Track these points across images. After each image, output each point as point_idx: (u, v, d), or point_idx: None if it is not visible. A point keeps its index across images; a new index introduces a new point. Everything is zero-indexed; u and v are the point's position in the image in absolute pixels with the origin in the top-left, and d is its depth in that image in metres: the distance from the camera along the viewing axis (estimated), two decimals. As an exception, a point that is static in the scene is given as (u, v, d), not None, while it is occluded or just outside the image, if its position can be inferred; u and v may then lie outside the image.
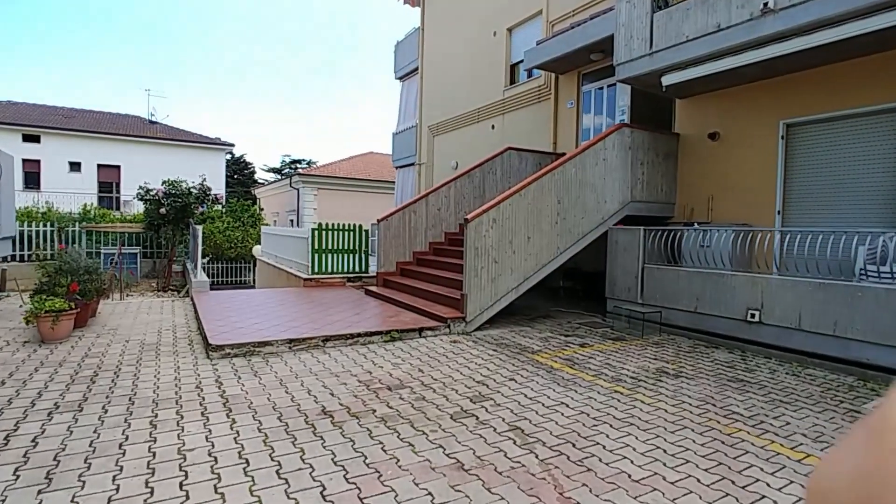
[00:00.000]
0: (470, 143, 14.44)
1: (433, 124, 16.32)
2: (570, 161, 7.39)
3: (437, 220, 9.93)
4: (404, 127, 18.66)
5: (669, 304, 6.99)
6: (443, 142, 15.92)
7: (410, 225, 9.64)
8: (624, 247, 7.65)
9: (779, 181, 7.26)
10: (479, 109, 14.06)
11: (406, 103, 18.74)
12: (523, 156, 10.80)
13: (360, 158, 31.26)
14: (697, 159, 8.32)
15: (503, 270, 6.92)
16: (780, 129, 7.24)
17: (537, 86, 11.89)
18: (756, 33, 6.03)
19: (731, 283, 6.24)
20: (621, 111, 9.83)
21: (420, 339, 6.30)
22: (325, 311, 7.31)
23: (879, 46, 5.95)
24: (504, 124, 13.12)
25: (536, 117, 11.97)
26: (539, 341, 6.34)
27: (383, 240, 9.38)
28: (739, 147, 7.73)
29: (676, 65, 6.99)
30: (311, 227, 10.27)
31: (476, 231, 6.65)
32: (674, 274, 6.92)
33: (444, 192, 9.94)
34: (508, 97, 12.90)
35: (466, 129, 14.69)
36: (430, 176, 16.53)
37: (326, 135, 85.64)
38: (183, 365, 4.92)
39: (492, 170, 10.41)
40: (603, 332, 7.03)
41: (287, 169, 42.30)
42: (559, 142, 11.26)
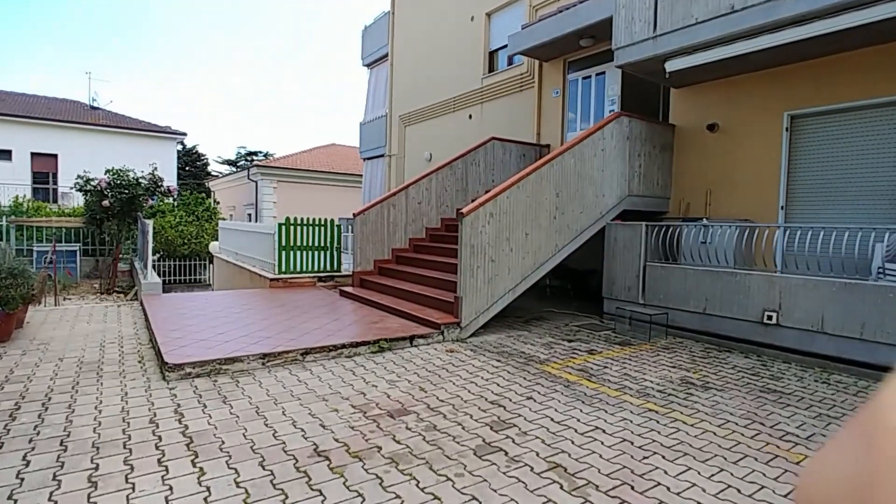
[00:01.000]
0: (445, 134, 13.74)
1: (405, 114, 15.51)
2: (568, 151, 6.82)
3: (418, 215, 9.20)
4: (373, 117, 17.75)
5: (675, 304, 6.55)
6: (415, 132, 15.15)
7: (389, 220, 8.87)
8: (624, 244, 7.17)
9: (782, 175, 6.95)
10: (454, 98, 13.38)
11: (374, 92, 17.82)
12: (507, 147, 10.21)
13: (322, 150, 29.99)
14: (695, 152, 7.94)
15: (500, 270, 6.29)
16: (784, 120, 6.92)
17: (519, 73, 11.32)
18: (774, 15, 5.62)
19: (746, 283, 5.84)
20: (611, 101, 9.39)
21: (412, 348, 5.59)
22: (298, 317, 6.47)
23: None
24: (483, 114, 12.50)
25: (518, 107, 11.40)
26: (543, 348, 5.75)
27: (360, 236, 8.57)
28: (741, 139, 7.38)
29: (683, 49, 6.53)
30: (278, 223, 9.33)
31: (472, 227, 5.98)
32: (680, 273, 6.49)
33: (425, 184, 9.22)
34: (487, 86, 12.28)
35: (441, 119, 13.98)
36: (402, 168, 15.74)
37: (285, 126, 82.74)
38: (132, 390, 4.03)
39: (475, 161, 9.77)
40: (605, 335, 6.53)
41: (243, 161, 40.32)
42: (543, 133, 10.73)
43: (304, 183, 25.42)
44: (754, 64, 6.81)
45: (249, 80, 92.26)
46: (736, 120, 7.43)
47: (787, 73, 6.86)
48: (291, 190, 25.08)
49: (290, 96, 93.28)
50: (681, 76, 7.46)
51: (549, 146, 10.55)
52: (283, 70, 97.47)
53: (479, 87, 12.51)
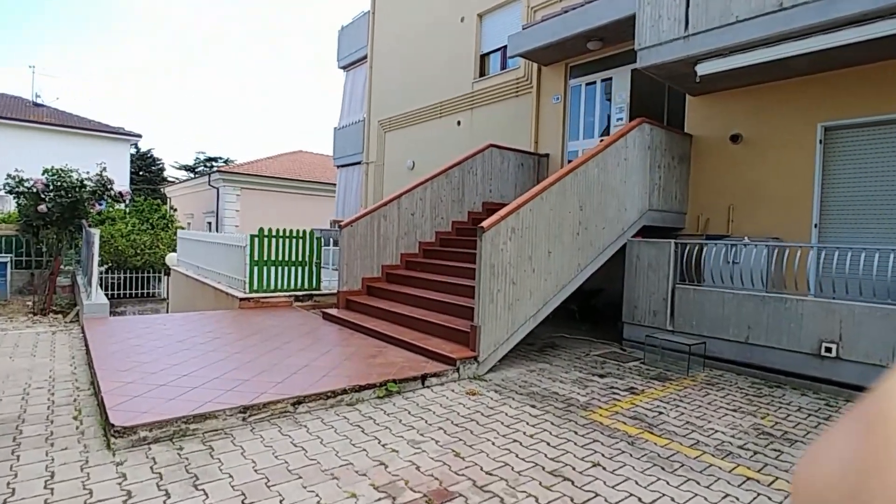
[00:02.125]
0: (430, 141, 12.89)
1: (385, 119, 14.59)
2: (592, 159, 6.07)
3: (411, 227, 8.26)
4: (349, 122, 16.73)
5: (710, 332, 5.86)
6: (396, 139, 14.24)
7: (380, 232, 7.89)
8: (648, 263, 6.46)
9: (816, 191, 6.42)
10: (441, 103, 12.56)
11: (351, 95, 16.83)
12: (505, 155, 9.43)
13: (289, 157, 28.61)
14: (715, 164, 7.36)
15: (521, 294, 5.43)
16: (818, 132, 6.41)
17: (515, 78, 10.61)
18: (830, 14, 5.06)
19: (798, 310, 5.19)
20: (619, 108, 8.77)
21: (424, 390, 4.62)
22: (279, 349, 5.40)
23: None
24: (473, 120, 11.72)
25: (513, 113, 10.68)
26: (576, 387, 4.91)
27: (346, 251, 7.55)
28: (768, 151, 6.84)
29: (718, 51, 5.92)
30: (251, 234, 8.19)
31: (493, 244, 5.10)
32: (717, 297, 5.81)
33: (419, 193, 8.30)
34: (479, 90, 11.53)
35: (425, 125, 13.13)
36: (381, 176, 14.77)
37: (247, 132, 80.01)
38: (61, 469, 2.91)
39: (472, 169, 8.94)
40: (636, 367, 5.76)
41: (202, 167, 38.26)
42: (541, 141, 10.03)
43: (269, 191, 23.99)
44: (793, 70, 6.28)
45: (211, 84, 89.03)
46: (762, 131, 6.89)
47: (821, 80, 6.36)
48: (255, 198, 23.60)
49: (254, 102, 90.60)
50: (705, 82, 6.88)
51: (548, 156, 9.86)
52: (247, 74, 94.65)
53: (470, 92, 11.75)
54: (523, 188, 9.66)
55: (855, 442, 0.29)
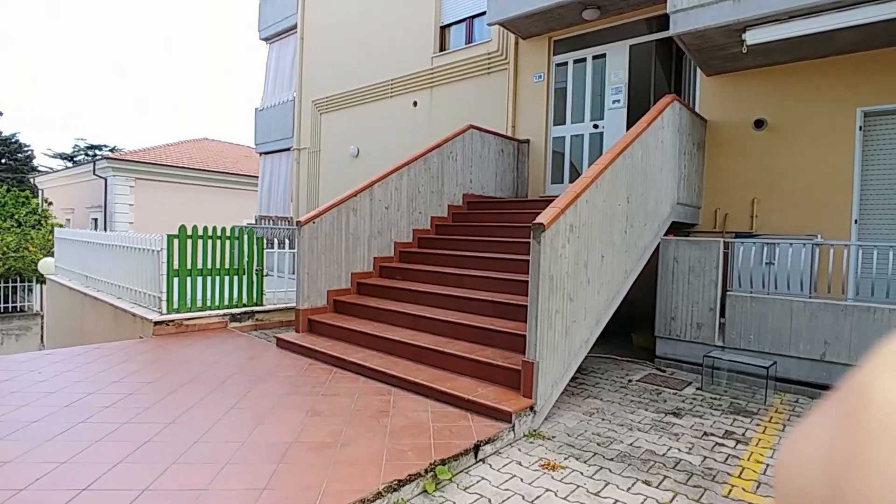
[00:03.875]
0: (379, 124, 11.20)
1: (320, 99, 12.61)
2: (637, 140, 4.89)
3: (385, 225, 6.62)
4: (274, 102, 14.45)
5: (773, 348, 4.95)
6: (336, 121, 12.33)
7: (348, 231, 6.18)
8: (690, 266, 5.44)
9: (856, 183, 5.78)
10: (392, 81, 10.91)
11: (276, 71, 14.54)
12: (486, 139, 8.08)
13: (192, 144, 25.06)
14: (735, 153, 6.55)
15: (577, 313, 4.11)
16: (857, 117, 5.76)
17: (486, 53, 9.28)
18: (928, -31, 4.27)
19: (890, 321, 4.39)
20: (615, 89, 7.76)
21: (481, 466, 3.13)
22: (238, 409, 3.62)
23: None
24: (433, 100, 10.22)
25: (484, 93, 9.34)
26: (663, 436, 3.69)
27: (308, 255, 5.76)
28: (798, 139, 6.12)
29: (776, 14, 4.99)
30: (168, 234, 6.08)
31: (552, 247, 3.71)
32: (783, 306, 4.90)
33: (395, 181, 6.68)
34: (439, 67, 10.05)
35: (373, 106, 11.40)
36: (316, 165, 12.79)
37: (136, 118, 71.23)
38: None
39: (452, 154, 7.47)
40: (697, 396, 4.69)
41: (82, 155, 32.84)
42: (520, 125, 8.80)
43: (170, 182, 20.65)
44: (834, 46, 5.56)
45: (91, 63, 78.17)
46: (791, 115, 6.16)
47: (861, 59, 5.70)
48: (153, 190, 20.19)
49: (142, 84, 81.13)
50: (731, 59, 6.02)
51: (528, 142, 8.65)
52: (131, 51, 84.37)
53: (429, 69, 10.23)
54: (503, 178, 8.39)
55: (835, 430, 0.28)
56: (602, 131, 7.88)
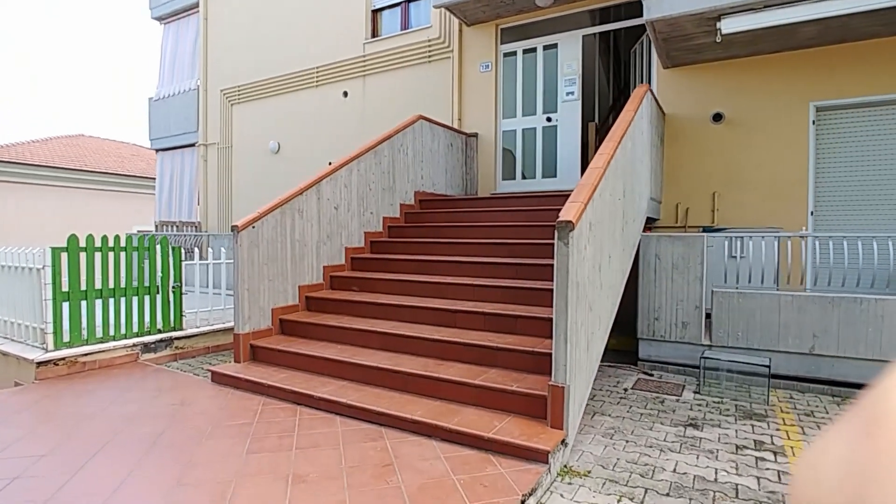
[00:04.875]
0: (303, 117, 10.08)
1: (231, 88, 11.17)
2: (630, 128, 4.50)
3: (335, 228, 5.71)
4: (173, 91, 12.63)
5: (761, 344, 4.83)
6: (251, 113, 10.97)
7: (294, 236, 5.20)
8: (674, 263, 5.20)
9: (811, 176, 5.93)
10: (318, 69, 9.86)
11: (174, 56, 12.70)
12: (436, 131, 7.41)
13: (65, 141, 21.62)
14: (695, 146, 6.51)
15: (594, 322, 3.59)
16: (810, 111, 5.91)
17: (426, 40, 8.60)
18: (900, -39, 4.32)
19: (877, 311, 4.40)
20: (568, 81, 7.47)
21: (533, 529, 2.48)
22: (178, 489, 2.64)
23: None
24: (366, 90, 9.35)
25: (425, 83, 8.67)
26: (700, 456, 3.29)
27: (247, 267, 4.72)
28: (756, 132, 6.18)
29: (751, 3, 4.88)
30: (52, 247, 4.69)
31: (577, 248, 3.14)
32: (771, 301, 4.79)
33: (344, 177, 5.79)
34: (372, 54, 9.20)
35: (295, 97, 10.25)
36: (227, 162, 11.32)
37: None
38: None
39: (402, 147, 6.71)
40: (700, 401, 4.41)
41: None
42: (466, 119, 8.24)
43: (39, 185, 17.51)
44: (794, 40, 5.62)
45: (-82, 42, 65.56)
46: (748, 110, 6.21)
47: (813, 56, 5.85)
48: (21, 194, 17.01)
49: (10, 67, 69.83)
50: (691, 50, 5.93)
51: (476, 135, 8.12)
52: None
53: (361, 56, 9.34)
54: (453, 174, 7.79)
55: (855, 444, 0.28)
56: (556, 124, 7.55)
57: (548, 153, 7.68)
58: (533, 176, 7.84)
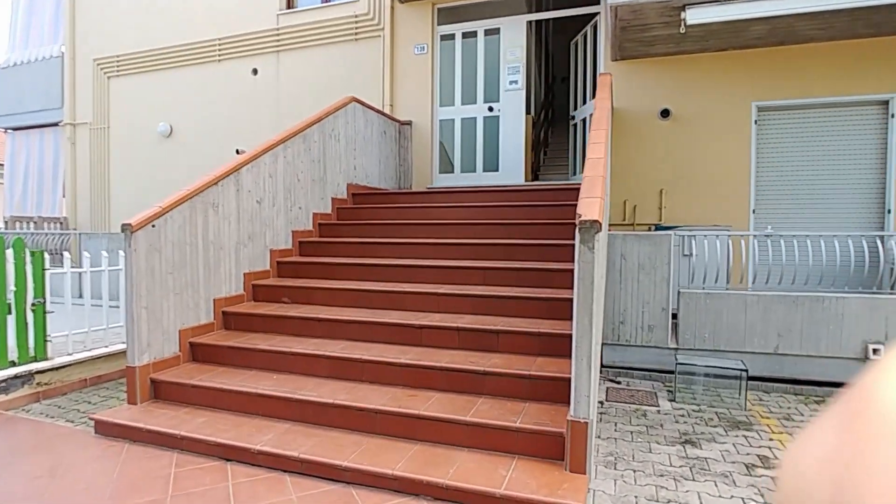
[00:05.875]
0: (201, 96, 8.67)
1: (108, 58, 9.34)
2: (604, 118, 4.08)
3: (259, 226, 4.69)
4: (28, 57, 10.34)
5: (727, 346, 4.70)
6: (135, 89, 9.25)
7: (207, 236, 4.12)
8: (640, 263, 4.91)
9: (752, 175, 6.02)
10: (222, 41, 8.51)
11: (30, 13, 10.39)
12: (369, 116, 6.58)
13: None
14: (642, 142, 6.37)
15: (599, 335, 3.09)
16: (752, 111, 5.99)
17: (353, 15, 7.69)
18: (858, -39, 4.34)
19: (838, 310, 4.42)
20: (512, 69, 7.02)
21: None
22: None
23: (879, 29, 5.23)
24: (280, 68, 8.21)
25: (351, 63, 7.75)
26: (716, 482, 2.93)
27: (145, 277, 3.60)
28: (702, 130, 6.16)
29: (718, -8, 4.71)
30: None
31: (601, 251, 2.59)
32: (738, 301, 4.66)
33: (268, 164, 4.78)
34: (288, 28, 8.08)
35: (192, 71, 8.78)
36: (104, 146, 9.49)
37: None
38: None
39: (334, 132, 5.80)
40: (680, 410, 4.13)
41: None
42: (399, 104, 7.48)
43: None
44: (741, 39, 5.62)
45: None
46: (694, 107, 6.18)
47: (756, 56, 5.92)
48: None
49: None
50: (644, 42, 5.75)
51: (410, 123, 7.40)
52: None
53: (274, 29, 8.16)
54: (386, 165, 7.02)
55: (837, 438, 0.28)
56: (498, 114, 7.07)
57: (489, 145, 7.19)
58: (473, 169, 7.29)
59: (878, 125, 5.64)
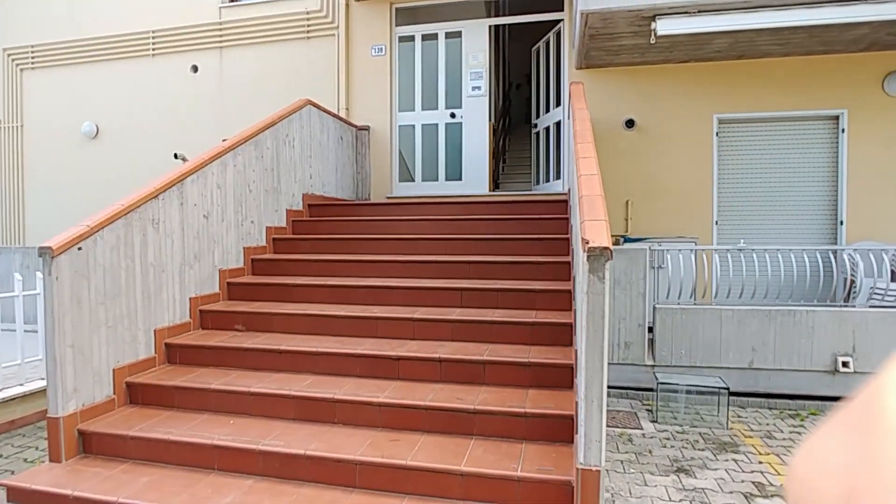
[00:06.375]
0: (135, 93, 7.88)
1: (22, 48, 8.34)
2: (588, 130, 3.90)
3: (206, 243, 4.16)
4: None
5: (704, 361, 4.66)
6: (52, 84, 8.29)
7: (147, 258, 3.57)
8: (616, 278, 4.79)
9: (715, 187, 6.09)
10: (154, 34, 7.76)
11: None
12: (325, 120, 6.14)
13: None
14: (608, 152, 6.25)
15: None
16: (714, 123, 6.06)
17: (304, 11, 7.20)
18: (823, -20, 4.40)
19: (808, 323, 4.47)
20: (475, 74, 6.79)
21: None
22: None
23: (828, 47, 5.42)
24: (224, 66, 7.58)
25: (302, 63, 7.26)
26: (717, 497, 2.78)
27: (69, 309, 3.02)
28: (666, 141, 6.17)
29: (690, 5, 4.66)
30: None
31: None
32: (713, 315, 4.63)
33: (217, 174, 4.26)
34: (233, 22, 7.48)
35: (122, 66, 7.96)
36: (17, 148, 8.44)
37: None
38: None
39: (288, 138, 5.33)
40: (663, 432, 4.02)
41: None
42: (355, 109, 7.06)
43: None
44: (704, 52, 5.65)
45: None
46: (658, 117, 6.18)
47: (717, 68, 6.00)
48: None
49: None
50: (611, 52, 5.68)
51: (368, 129, 7.00)
52: None
53: (217, 23, 7.52)
54: (343, 174, 6.61)
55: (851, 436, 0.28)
56: (461, 121, 6.81)
57: (452, 153, 6.92)
58: (435, 178, 6.99)
59: (829, 139, 5.84)
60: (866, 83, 5.63)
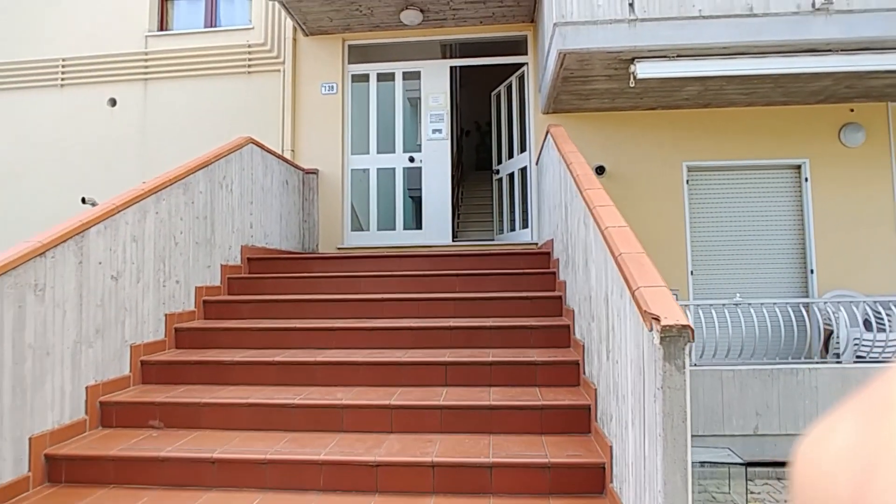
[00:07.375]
0: (36, 128, 6.76)
1: None
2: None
3: (114, 313, 3.21)
4: None
5: (706, 430, 4.19)
6: (-70, 115, 6.94)
7: (23, 339, 2.60)
8: (608, 339, 4.27)
9: (688, 235, 5.88)
10: (65, 62, 6.77)
11: None
12: (269, 162, 5.38)
13: None
14: (578, 199, 5.96)
15: (644, 475, 2.24)
16: (683, 171, 5.92)
17: (245, 44, 6.54)
18: (798, 34, 4.36)
19: (811, 382, 4.15)
20: (435, 116, 6.35)
21: None
22: None
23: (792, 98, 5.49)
24: (148, 101, 6.68)
25: (241, 100, 6.53)
26: None
27: None
28: (636, 188, 5.92)
29: (672, 49, 4.47)
30: None
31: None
32: (713, 377, 4.20)
33: (132, 224, 3.37)
34: (160, 53, 6.67)
35: (21, 98, 6.85)
36: None
37: None
38: None
39: (225, 181, 4.52)
40: None
41: None
42: (302, 151, 6.38)
43: None
44: (672, 99, 5.54)
45: None
46: (629, 164, 5.96)
47: (685, 116, 5.91)
48: None
49: None
50: (581, 96, 5.45)
51: (317, 172, 6.30)
52: None
53: (142, 53, 6.68)
54: (288, 222, 5.83)
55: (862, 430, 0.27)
56: (420, 165, 6.28)
57: (410, 200, 6.34)
58: (392, 227, 6.35)
59: (794, 188, 5.84)
60: (825, 133, 5.71)
